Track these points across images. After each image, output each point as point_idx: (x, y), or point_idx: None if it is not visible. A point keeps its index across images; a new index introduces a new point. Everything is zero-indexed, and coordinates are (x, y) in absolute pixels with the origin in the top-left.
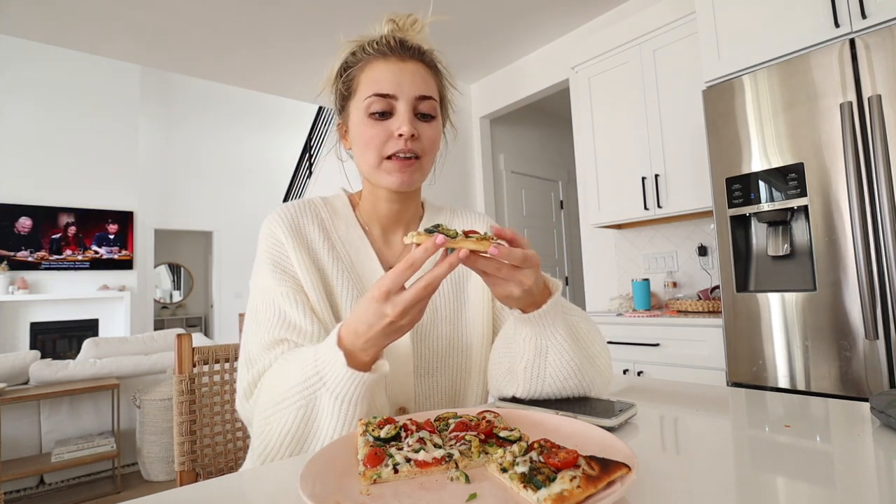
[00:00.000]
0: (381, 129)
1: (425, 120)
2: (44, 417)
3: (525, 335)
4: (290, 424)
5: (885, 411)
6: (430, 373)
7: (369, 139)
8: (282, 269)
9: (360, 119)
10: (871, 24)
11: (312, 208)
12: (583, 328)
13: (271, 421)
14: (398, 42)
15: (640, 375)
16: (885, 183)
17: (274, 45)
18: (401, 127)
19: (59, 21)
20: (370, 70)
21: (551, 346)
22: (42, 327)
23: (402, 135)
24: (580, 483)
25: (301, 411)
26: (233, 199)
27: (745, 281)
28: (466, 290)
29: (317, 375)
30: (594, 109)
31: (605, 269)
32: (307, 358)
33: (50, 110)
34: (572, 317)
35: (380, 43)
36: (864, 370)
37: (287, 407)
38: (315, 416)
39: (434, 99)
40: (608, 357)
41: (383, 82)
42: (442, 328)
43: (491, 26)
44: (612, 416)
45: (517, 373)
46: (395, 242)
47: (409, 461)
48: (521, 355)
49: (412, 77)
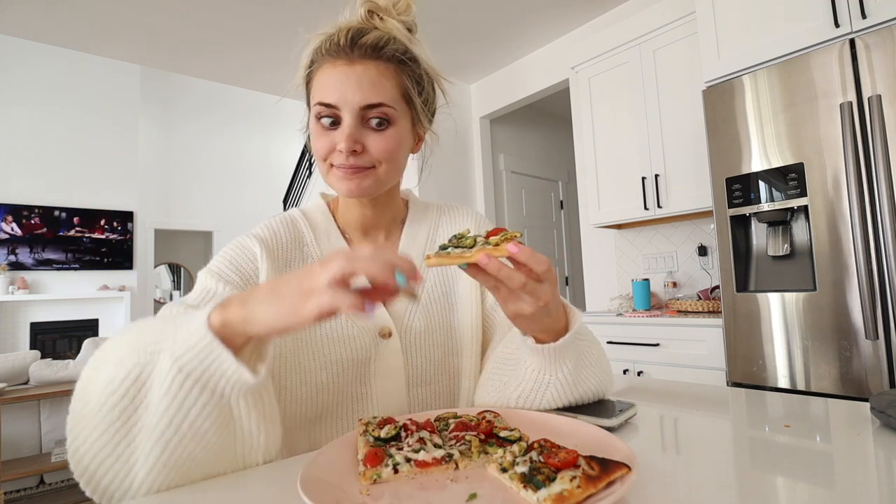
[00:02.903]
0: (327, 141)
1: (379, 128)
2: (44, 417)
3: (530, 365)
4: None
5: (885, 411)
6: (425, 382)
7: (318, 149)
8: (237, 267)
9: (312, 125)
10: (871, 24)
11: (293, 227)
12: (592, 355)
13: (90, 381)
14: (349, 41)
15: (640, 375)
16: (885, 183)
17: (274, 45)
18: (339, 142)
19: (59, 21)
20: (319, 75)
21: (553, 381)
22: (42, 327)
23: (341, 150)
24: (580, 483)
25: (130, 371)
26: (233, 199)
27: (745, 281)
28: (456, 292)
29: (170, 330)
30: (594, 109)
31: (605, 269)
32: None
33: (50, 110)
34: (583, 343)
35: (332, 42)
36: (864, 370)
37: (116, 362)
38: (147, 386)
39: (386, 105)
40: (609, 379)
41: (328, 90)
42: (435, 336)
43: (491, 26)
44: (612, 416)
45: (509, 397)
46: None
47: (409, 461)
48: (518, 383)
49: (358, 84)
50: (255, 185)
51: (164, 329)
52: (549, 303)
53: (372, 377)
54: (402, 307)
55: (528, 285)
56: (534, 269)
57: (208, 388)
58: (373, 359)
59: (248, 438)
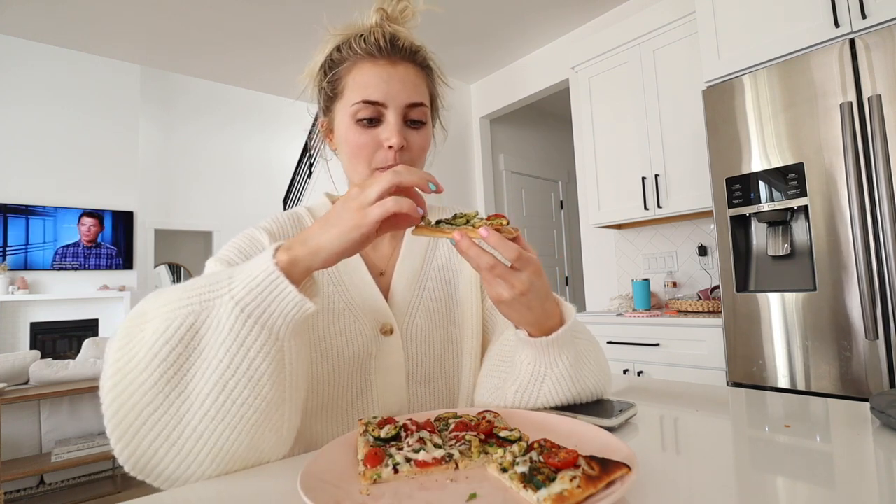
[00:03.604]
0: (370, 138)
1: (415, 127)
2: (44, 417)
3: (524, 358)
4: (160, 340)
5: (885, 411)
6: (425, 380)
7: (358, 149)
8: (245, 255)
9: (347, 124)
10: (871, 24)
11: (299, 224)
12: (590, 353)
13: (134, 337)
14: (388, 42)
15: (640, 375)
16: (885, 183)
17: (274, 45)
18: (390, 138)
19: (59, 21)
20: (358, 73)
21: (549, 374)
22: (42, 327)
23: (391, 146)
24: (580, 483)
25: (184, 320)
26: (233, 199)
27: (745, 281)
28: (457, 291)
29: (224, 279)
30: (594, 109)
31: (605, 269)
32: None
33: (50, 110)
34: (581, 342)
35: (368, 41)
36: (864, 370)
37: (165, 314)
38: (200, 333)
39: (425, 105)
40: (608, 378)
41: (371, 88)
42: (436, 333)
43: (491, 26)
44: (612, 416)
45: (507, 393)
46: (382, 246)
47: (409, 461)
48: (515, 377)
49: (402, 83)
50: (255, 185)
51: (217, 279)
52: (528, 294)
53: (372, 373)
54: (404, 305)
55: (498, 269)
56: (505, 255)
57: (266, 328)
58: (374, 355)
59: (291, 396)
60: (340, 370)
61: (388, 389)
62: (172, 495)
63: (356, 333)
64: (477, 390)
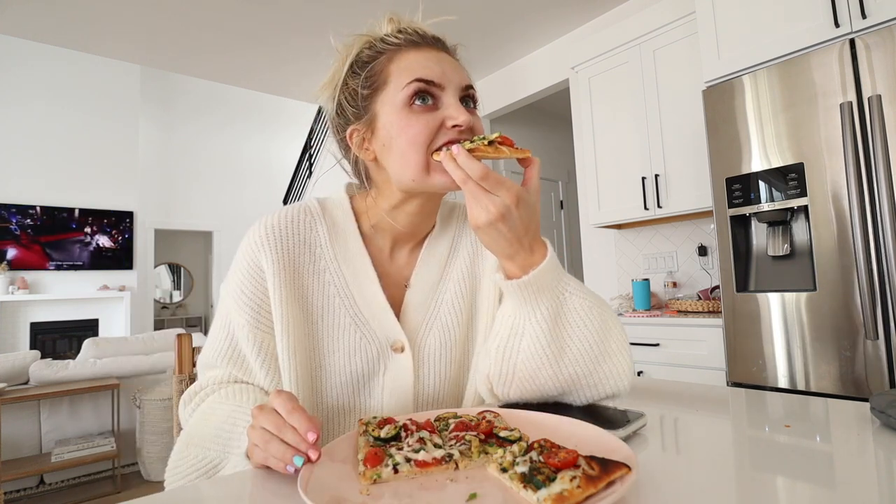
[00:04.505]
0: (430, 119)
1: (470, 110)
2: (44, 417)
3: (504, 310)
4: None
5: (885, 411)
6: (434, 402)
7: (416, 133)
8: (248, 296)
9: (397, 112)
10: (871, 24)
11: (306, 225)
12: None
13: (185, 455)
14: (426, 32)
15: (640, 375)
16: (885, 183)
17: (274, 45)
18: (457, 116)
19: (59, 21)
20: (403, 59)
21: (527, 328)
22: (42, 327)
23: (458, 125)
24: (580, 483)
25: (211, 461)
26: (233, 199)
27: (745, 281)
28: (476, 300)
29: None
30: (594, 109)
31: (605, 269)
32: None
33: (50, 110)
34: (569, 296)
35: (404, 32)
36: (865, 370)
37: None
38: (219, 467)
39: (475, 89)
40: (623, 361)
41: (426, 70)
42: (451, 353)
43: (491, 26)
44: (620, 428)
45: (490, 351)
46: (399, 258)
47: (409, 461)
48: (496, 332)
49: (454, 66)
50: (255, 185)
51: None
52: (505, 219)
53: (379, 391)
54: (418, 320)
55: (469, 185)
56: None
57: None
58: (381, 372)
59: None
60: (342, 386)
61: (392, 410)
62: (172, 495)
63: (361, 350)
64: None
